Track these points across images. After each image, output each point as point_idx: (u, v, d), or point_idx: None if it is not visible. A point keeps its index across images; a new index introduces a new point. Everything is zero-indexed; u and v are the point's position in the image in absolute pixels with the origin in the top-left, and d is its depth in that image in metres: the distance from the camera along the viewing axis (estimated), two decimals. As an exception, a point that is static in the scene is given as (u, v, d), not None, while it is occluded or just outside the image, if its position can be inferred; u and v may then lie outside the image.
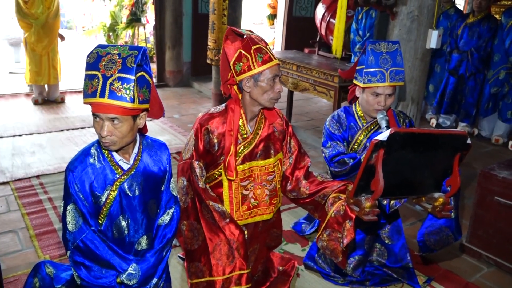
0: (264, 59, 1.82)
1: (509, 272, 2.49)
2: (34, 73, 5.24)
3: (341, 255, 1.81)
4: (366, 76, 2.11)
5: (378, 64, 2.09)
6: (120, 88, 1.41)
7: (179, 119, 5.22)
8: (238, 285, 1.77)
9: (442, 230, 2.12)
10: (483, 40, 4.81)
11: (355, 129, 2.28)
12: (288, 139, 2.10)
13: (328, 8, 6.23)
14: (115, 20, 7.97)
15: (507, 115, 4.79)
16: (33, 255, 2.45)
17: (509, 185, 2.42)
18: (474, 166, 4.08)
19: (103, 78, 1.41)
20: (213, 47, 4.90)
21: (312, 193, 2.00)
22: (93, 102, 1.42)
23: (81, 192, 1.53)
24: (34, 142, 4.14)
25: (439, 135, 1.62)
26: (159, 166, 1.69)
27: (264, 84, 1.84)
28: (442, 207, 1.76)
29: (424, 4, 3.04)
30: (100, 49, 1.46)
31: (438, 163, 1.71)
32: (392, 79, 2.10)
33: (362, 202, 1.68)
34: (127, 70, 1.42)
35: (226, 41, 1.89)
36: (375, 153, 1.54)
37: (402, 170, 1.66)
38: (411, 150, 1.58)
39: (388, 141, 1.50)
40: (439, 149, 1.65)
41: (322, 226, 1.90)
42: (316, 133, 4.76)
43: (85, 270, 1.54)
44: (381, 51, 2.11)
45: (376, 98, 2.13)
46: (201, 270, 1.81)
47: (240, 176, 1.99)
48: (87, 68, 1.44)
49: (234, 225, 1.82)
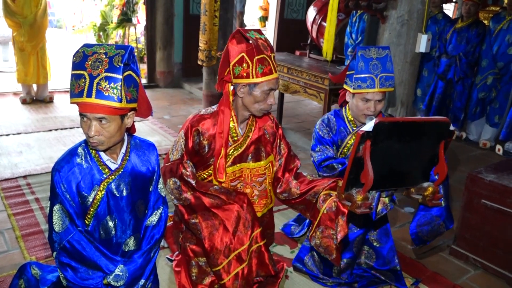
0: (264, 71, 1.81)
1: (495, 275, 2.52)
2: (22, 73, 5.17)
3: (335, 252, 1.82)
4: (356, 81, 2.12)
5: (368, 70, 2.10)
6: (107, 88, 1.40)
7: (169, 120, 5.20)
8: (257, 243, 1.88)
9: (433, 220, 2.13)
10: (471, 45, 4.87)
11: (345, 133, 2.29)
12: (278, 142, 2.11)
13: (319, 11, 6.27)
14: (105, 20, 7.91)
15: (495, 120, 4.85)
16: (19, 256, 2.42)
17: (496, 189, 2.45)
18: (462, 170, 4.12)
19: (89, 78, 1.39)
20: (204, 48, 4.89)
21: (303, 192, 2.01)
22: (80, 102, 1.41)
23: (67, 192, 1.51)
24: (21, 142, 4.09)
25: (423, 123, 1.67)
26: (147, 166, 1.68)
27: (258, 94, 1.84)
28: (432, 196, 1.79)
29: (414, 9, 3.07)
30: (86, 48, 1.44)
31: (424, 152, 1.74)
32: (382, 85, 2.12)
33: (354, 195, 1.69)
34: (114, 70, 1.41)
35: (231, 40, 1.87)
36: (362, 144, 1.56)
37: (390, 161, 1.68)
38: (397, 139, 1.61)
39: (374, 131, 1.52)
40: (424, 137, 1.68)
41: (314, 224, 1.91)
42: (307, 135, 4.78)
43: (71, 271, 1.52)
44: (371, 57, 2.12)
45: (365, 103, 2.15)
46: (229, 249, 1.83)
47: (230, 177, 1.99)
48: (73, 68, 1.43)
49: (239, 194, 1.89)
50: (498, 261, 2.50)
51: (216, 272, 1.84)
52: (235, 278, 1.82)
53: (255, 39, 1.83)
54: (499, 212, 2.44)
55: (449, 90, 5.15)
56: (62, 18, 13.17)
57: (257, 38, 1.85)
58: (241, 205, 1.83)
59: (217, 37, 4.87)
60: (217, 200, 1.85)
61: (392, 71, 2.16)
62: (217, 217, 1.83)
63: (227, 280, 1.82)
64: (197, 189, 1.87)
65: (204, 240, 1.83)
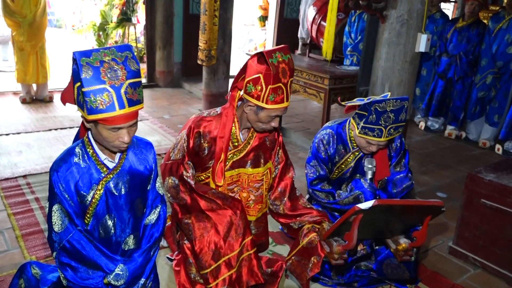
0: (275, 100, 1.80)
1: (495, 274, 2.52)
2: (21, 72, 5.17)
3: (305, 281, 1.93)
4: (364, 129, 2.07)
5: (378, 123, 2.02)
6: (134, 93, 1.40)
7: (169, 119, 5.20)
8: (248, 251, 1.89)
9: (399, 267, 2.15)
10: (472, 44, 4.87)
11: (345, 151, 2.31)
12: (277, 149, 2.12)
13: (319, 11, 6.26)
14: (105, 20, 7.91)
15: (494, 119, 4.85)
16: (19, 256, 2.42)
17: (496, 188, 2.45)
18: (461, 169, 4.12)
19: (114, 90, 1.35)
20: (204, 47, 4.89)
21: (289, 216, 2.10)
22: (112, 116, 1.37)
23: (66, 192, 1.52)
24: (21, 142, 4.08)
25: (417, 206, 1.76)
26: (145, 164, 1.69)
27: (263, 117, 1.86)
28: (403, 253, 1.89)
29: (414, 8, 3.07)
30: (85, 58, 1.33)
31: (410, 220, 1.86)
32: (389, 134, 2.06)
33: (334, 247, 1.81)
34: (135, 74, 1.40)
35: (253, 57, 1.85)
36: (354, 215, 1.66)
37: (376, 225, 1.81)
38: (388, 214, 1.72)
39: (369, 209, 1.62)
40: (414, 214, 1.79)
41: (293, 252, 2.01)
42: (306, 135, 4.78)
43: (71, 271, 1.53)
44: (385, 110, 2.01)
45: (368, 144, 2.13)
46: (218, 253, 1.84)
47: (228, 181, 2.00)
48: (86, 84, 1.33)
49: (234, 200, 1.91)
50: (497, 261, 2.50)
51: (204, 275, 1.85)
52: (222, 284, 1.83)
53: (276, 66, 1.78)
54: (499, 211, 2.45)
55: (448, 89, 5.16)
56: (61, 18, 13.15)
57: (280, 62, 1.79)
58: (234, 212, 1.85)
59: (217, 37, 4.86)
60: (212, 204, 1.86)
61: (404, 120, 2.06)
62: (210, 220, 1.85)
63: (213, 284, 1.83)
64: (195, 190, 1.88)
65: (195, 241, 1.85)
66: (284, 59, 1.82)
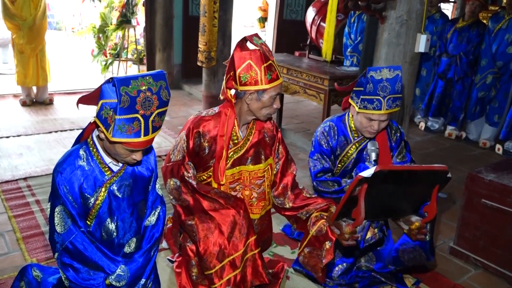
0: (272, 78, 1.83)
1: (495, 274, 2.52)
2: (21, 75, 5.17)
3: (321, 272, 1.91)
4: (363, 102, 2.08)
5: (376, 92, 2.04)
6: (159, 121, 1.46)
7: (169, 121, 5.20)
8: (252, 251, 1.88)
9: (415, 250, 2.13)
10: (472, 44, 4.88)
11: (346, 142, 2.29)
12: (276, 145, 2.12)
13: (318, 12, 6.25)
14: (105, 22, 7.91)
15: (494, 119, 4.85)
16: (20, 258, 2.42)
17: (496, 188, 2.45)
18: (461, 169, 4.12)
19: (143, 119, 1.40)
20: (203, 49, 4.89)
21: (295, 208, 2.07)
22: (136, 141, 1.42)
23: (70, 194, 1.52)
24: (21, 144, 4.09)
25: (421, 172, 1.71)
26: (147, 166, 1.70)
27: (266, 100, 1.87)
28: (417, 231, 1.86)
29: (413, 9, 3.07)
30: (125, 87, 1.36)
31: (417, 193, 1.82)
32: (389, 107, 2.06)
33: (343, 227, 1.77)
34: (164, 104, 1.45)
35: (237, 48, 1.88)
36: (359, 186, 1.63)
37: (383, 199, 1.77)
38: (393, 183, 1.68)
39: (373, 177, 1.59)
40: (420, 183, 1.75)
41: (303, 244, 1.98)
42: (307, 136, 4.78)
43: (73, 272, 1.53)
44: (381, 78, 2.05)
45: (369, 122, 2.12)
46: (223, 253, 1.84)
47: (229, 179, 2.00)
48: (121, 113, 1.37)
49: (237, 200, 1.90)
50: (498, 261, 2.50)
51: (208, 275, 1.85)
52: (227, 284, 1.83)
53: (260, 45, 1.85)
54: (499, 211, 2.45)
55: (448, 90, 5.16)
56: (61, 20, 13.17)
57: (261, 44, 1.87)
58: (238, 211, 1.85)
59: (216, 38, 4.87)
60: (215, 204, 1.86)
61: (401, 92, 2.09)
62: (213, 220, 1.84)
63: (218, 285, 1.83)
64: (197, 190, 1.88)
65: (199, 243, 1.84)
66: (262, 42, 1.89)
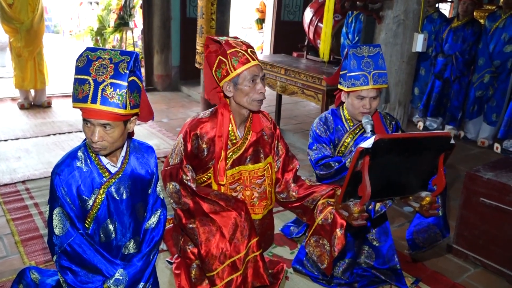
0: (240, 61, 1.82)
1: (495, 273, 2.52)
2: (19, 78, 5.17)
3: (327, 262, 1.86)
4: (350, 80, 2.16)
5: (361, 68, 2.14)
6: (112, 94, 1.40)
7: (167, 123, 5.20)
8: (253, 252, 1.87)
9: (430, 228, 2.15)
10: (467, 44, 4.89)
11: (342, 132, 2.31)
12: (276, 143, 2.11)
13: (316, 13, 6.27)
14: (102, 24, 7.93)
15: (492, 118, 4.87)
16: (18, 261, 2.41)
17: (494, 187, 2.45)
18: (460, 168, 4.13)
19: (94, 83, 1.39)
20: (201, 51, 4.90)
21: (301, 197, 2.03)
22: (84, 107, 1.40)
23: (68, 196, 1.52)
24: (20, 147, 4.08)
25: (423, 138, 1.65)
26: (146, 169, 1.69)
27: (244, 86, 1.85)
28: (429, 206, 1.79)
29: (410, 9, 3.08)
30: (90, 52, 1.43)
31: (423, 164, 1.74)
32: (375, 82, 2.15)
33: (351, 207, 1.70)
34: (120, 76, 1.40)
35: (206, 49, 1.91)
36: (361, 160, 1.57)
37: (388, 173, 1.69)
38: (396, 154, 1.61)
39: (373, 148, 1.53)
40: (423, 151, 1.68)
41: (310, 232, 1.93)
42: (305, 136, 4.78)
43: (71, 275, 1.53)
44: (363, 55, 2.16)
45: (361, 101, 2.18)
46: (224, 255, 1.82)
47: (229, 180, 1.99)
48: (76, 72, 1.41)
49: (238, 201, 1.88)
50: (497, 259, 2.50)
51: (210, 277, 1.84)
52: (228, 285, 1.83)
53: (225, 40, 1.87)
54: (498, 209, 2.45)
55: (446, 89, 5.17)
56: (59, 23, 13.18)
57: (228, 39, 1.89)
58: (239, 213, 1.83)
59: (214, 40, 4.87)
60: (215, 206, 1.85)
61: (385, 68, 2.19)
62: (214, 223, 1.84)
63: (220, 286, 1.82)
64: (197, 193, 1.88)
65: (201, 246, 1.84)
66: (231, 38, 1.91)
